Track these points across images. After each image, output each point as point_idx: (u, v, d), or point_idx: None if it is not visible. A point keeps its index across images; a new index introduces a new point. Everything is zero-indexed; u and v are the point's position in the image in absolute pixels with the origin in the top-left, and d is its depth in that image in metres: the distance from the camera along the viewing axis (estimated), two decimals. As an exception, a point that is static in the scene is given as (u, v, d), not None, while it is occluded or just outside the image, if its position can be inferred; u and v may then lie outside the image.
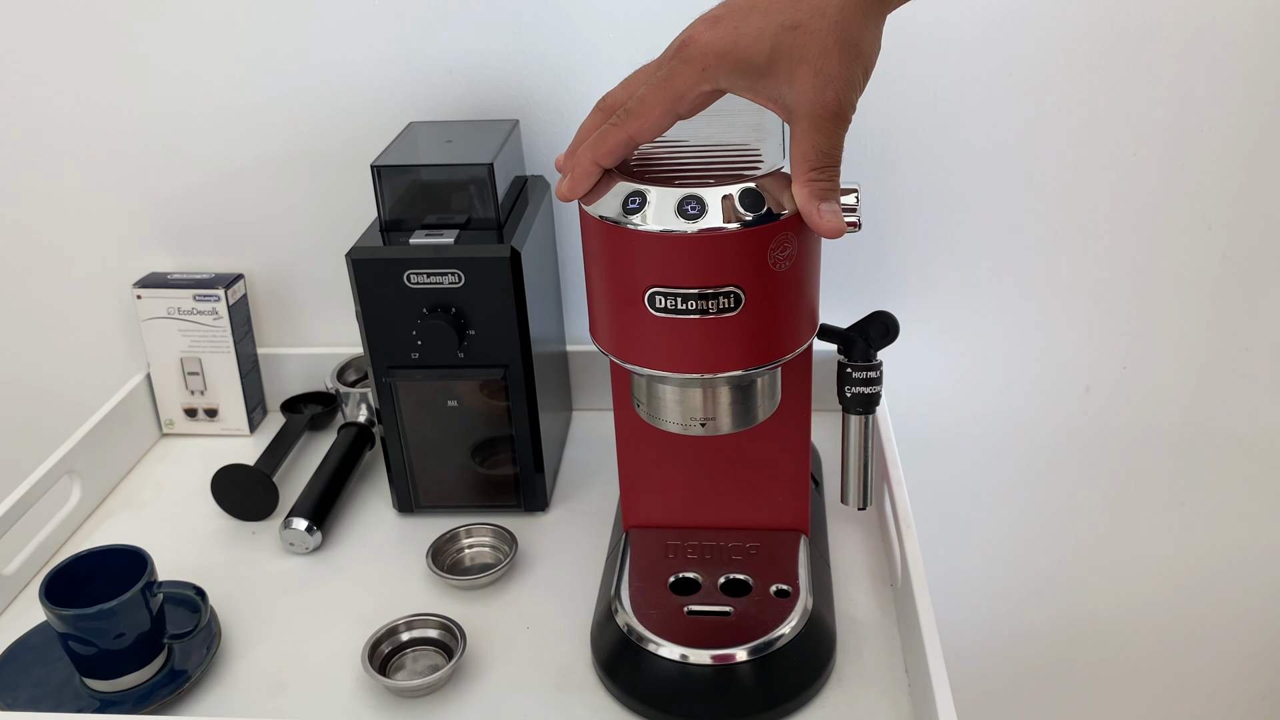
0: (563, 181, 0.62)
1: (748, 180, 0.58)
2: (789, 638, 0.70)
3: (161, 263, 1.06)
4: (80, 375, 1.12)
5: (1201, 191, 0.96)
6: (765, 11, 0.55)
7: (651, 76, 0.58)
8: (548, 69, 0.95)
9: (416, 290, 0.82)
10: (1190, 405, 1.06)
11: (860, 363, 0.70)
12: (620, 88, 0.61)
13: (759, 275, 0.59)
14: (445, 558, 0.85)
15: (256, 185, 1.02)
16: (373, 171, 0.84)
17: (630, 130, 0.58)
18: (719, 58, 0.55)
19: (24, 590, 0.85)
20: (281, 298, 1.07)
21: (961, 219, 0.99)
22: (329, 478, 0.92)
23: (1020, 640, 1.21)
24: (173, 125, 1.00)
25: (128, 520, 0.94)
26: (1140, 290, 1.01)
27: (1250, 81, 0.92)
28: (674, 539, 0.79)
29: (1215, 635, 1.20)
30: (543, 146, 0.98)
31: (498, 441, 0.89)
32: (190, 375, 1.03)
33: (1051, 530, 1.14)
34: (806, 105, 0.55)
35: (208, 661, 0.75)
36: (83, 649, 0.71)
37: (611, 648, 0.73)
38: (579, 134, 0.62)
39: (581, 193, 0.61)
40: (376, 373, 0.85)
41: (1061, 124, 0.94)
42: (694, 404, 0.66)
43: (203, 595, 0.76)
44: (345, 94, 0.97)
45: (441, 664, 0.74)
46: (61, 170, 1.03)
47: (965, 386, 1.06)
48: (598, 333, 0.65)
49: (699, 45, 0.56)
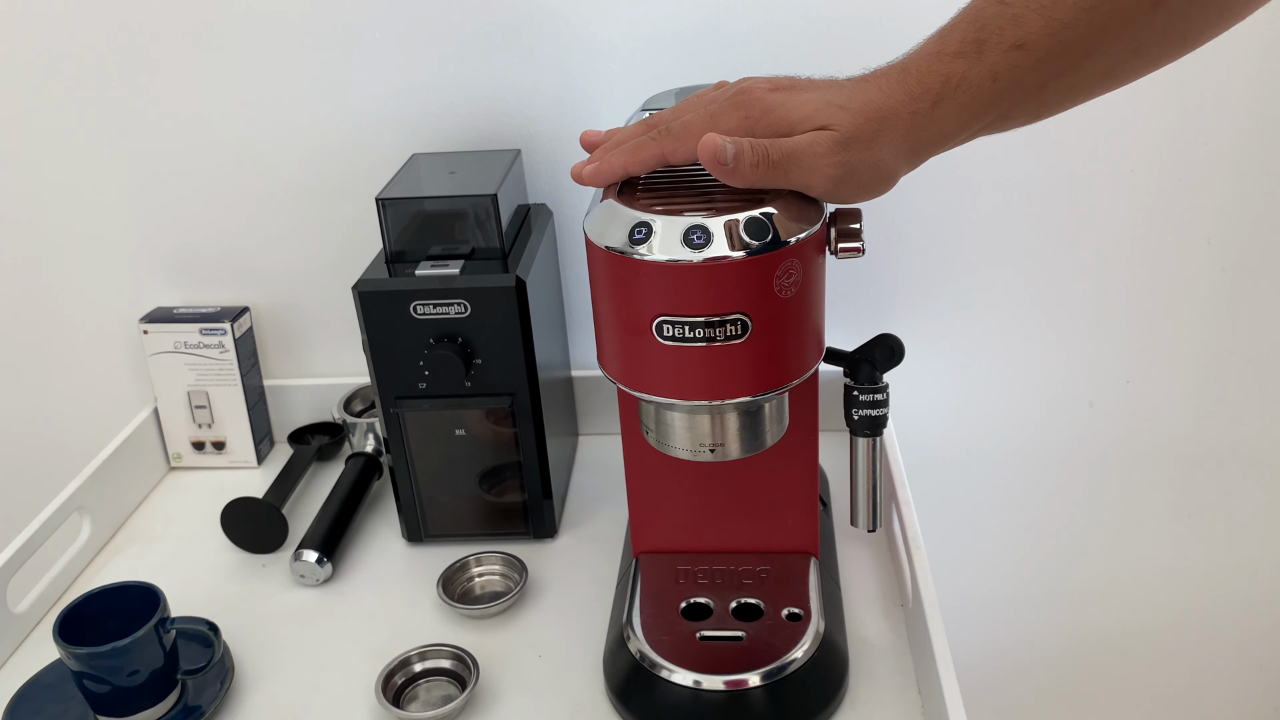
0: (586, 165, 0.64)
1: (752, 208, 0.59)
2: (801, 661, 0.71)
3: (167, 297, 1.06)
4: (88, 411, 1.12)
5: (1199, 206, 0.97)
6: (820, 89, 0.60)
7: (699, 108, 0.61)
8: (548, 99, 0.96)
9: (423, 321, 0.82)
10: (1194, 418, 1.07)
11: (867, 385, 0.70)
12: (669, 111, 0.64)
13: (765, 302, 0.59)
14: (456, 587, 0.85)
15: (261, 219, 1.02)
16: (378, 204, 0.84)
17: (665, 148, 0.61)
18: (764, 111, 0.59)
19: (36, 628, 0.85)
20: (287, 330, 1.07)
21: (962, 239, 0.99)
22: (338, 508, 0.92)
23: (1031, 656, 1.21)
24: (176, 160, 1.00)
25: (138, 555, 0.94)
26: (1141, 305, 1.02)
27: (1245, 95, 0.93)
28: (684, 564, 0.79)
29: (1225, 647, 1.19)
30: (544, 175, 0.98)
31: (505, 469, 0.89)
32: (198, 408, 1.03)
33: (1059, 545, 1.14)
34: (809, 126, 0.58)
35: (221, 696, 0.75)
36: (97, 687, 0.71)
37: (624, 675, 0.73)
38: (616, 136, 0.65)
39: (600, 185, 0.64)
40: (384, 403, 0.86)
41: (1059, 142, 0.95)
42: (702, 430, 0.66)
43: (215, 630, 0.76)
44: (348, 127, 0.98)
45: (455, 694, 0.74)
46: (67, 207, 1.03)
47: (970, 405, 1.07)
48: (606, 361, 0.66)
49: (752, 97, 0.60)
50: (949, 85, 0.57)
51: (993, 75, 0.56)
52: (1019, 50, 0.56)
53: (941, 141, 0.59)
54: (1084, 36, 0.56)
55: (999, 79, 0.56)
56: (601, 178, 0.63)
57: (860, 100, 0.58)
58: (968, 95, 0.57)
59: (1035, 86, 0.57)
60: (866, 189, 0.60)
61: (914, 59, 0.59)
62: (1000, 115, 0.58)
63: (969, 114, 0.58)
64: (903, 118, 0.58)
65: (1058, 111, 0.60)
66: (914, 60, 0.59)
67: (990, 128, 0.60)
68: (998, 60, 0.56)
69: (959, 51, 0.57)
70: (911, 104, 0.57)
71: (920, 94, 0.57)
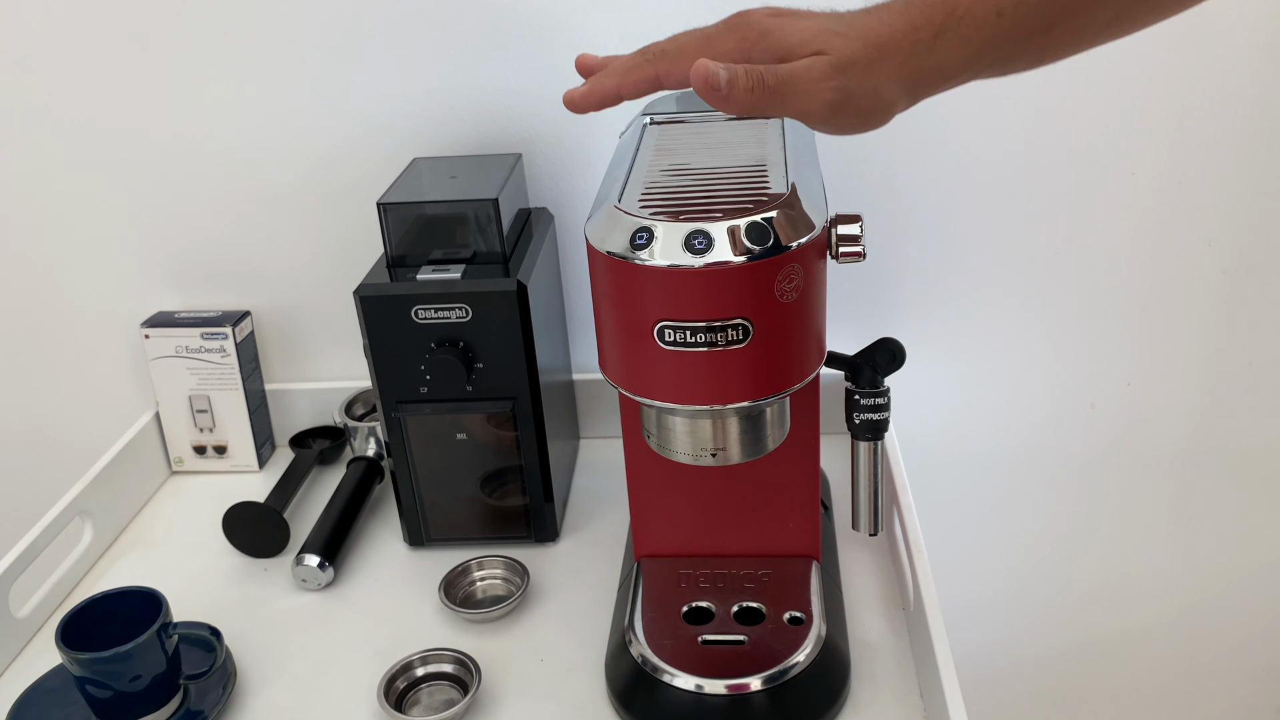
0: (578, 89, 0.62)
1: (753, 213, 0.59)
2: (803, 665, 0.71)
3: (169, 302, 1.06)
4: (89, 415, 1.12)
5: (1200, 208, 0.97)
6: (818, 18, 0.59)
7: (696, 33, 0.61)
8: (549, 103, 0.96)
9: (424, 325, 0.82)
10: (1195, 420, 1.07)
11: (868, 389, 0.71)
12: (666, 39, 0.63)
13: (767, 307, 0.59)
14: (457, 591, 0.85)
15: (262, 223, 1.02)
16: (379, 209, 0.84)
17: (660, 70, 0.60)
18: (761, 35, 0.58)
19: (38, 633, 0.85)
20: (288, 334, 1.07)
21: (963, 242, 0.99)
22: (339, 513, 0.92)
23: (1032, 658, 1.21)
24: (178, 165, 1.01)
25: (140, 559, 0.94)
26: (1143, 307, 1.02)
27: (1246, 98, 0.93)
28: (685, 568, 0.79)
29: (1226, 649, 1.19)
30: (545, 179, 0.99)
31: (507, 473, 0.89)
32: (199, 413, 1.03)
33: (1060, 547, 1.14)
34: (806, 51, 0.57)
35: (224, 701, 0.75)
36: (100, 692, 0.71)
37: (626, 679, 0.73)
38: (612, 64, 0.63)
39: (589, 109, 0.62)
40: (386, 407, 0.86)
41: (1060, 144, 0.95)
42: (704, 435, 0.66)
43: (218, 635, 0.76)
44: (349, 131, 0.98)
45: (457, 699, 0.74)
46: (69, 212, 1.04)
47: (971, 407, 1.07)
48: (607, 366, 0.66)
49: (749, 19, 0.59)
50: (953, 17, 0.56)
51: (998, 10, 0.56)
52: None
53: (941, 77, 0.58)
54: None
55: (1004, 14, 0.56)
56: (594, 99, 0.62)
57: (859, 27, 0.57)
58: (971, 29, 0.56)
59: (1040, 27, 0.57)
60: (864, 117, 0.59)
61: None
62: (1004, 54, 0.57)
63: (971, 49, 0.57)
64: (902, 46, 0.57)
65: (1062, 57, 0.59)
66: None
67: (992, 69, 0.59)
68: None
69: None
70: (913, 33, 0.57)
71: (922, 24, 0.56)
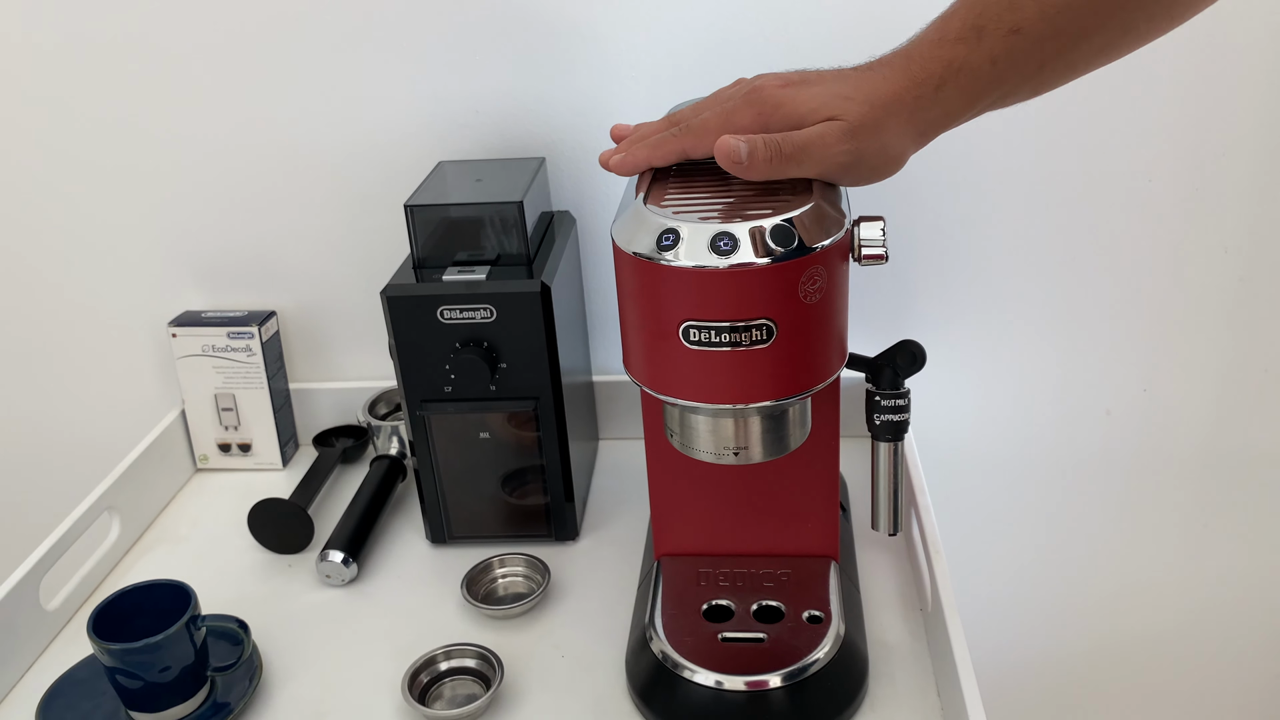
0: (613, 155, 0.69)
1: (778, 215, 0.60)
2: (822, 663, 0.71)
3: (195, 301, 1.08)
4: (117, 413, 1.14)
5: (1217, 215, 0.98)
6: (826, 81, 0.63)
7: (717, 106, 0.66)
8: (572, 107, 0.97)
9: (449, 325, 0.84)
10: (1211, 426, 1.07)
11: (889, 391, 0.71)
12: (690, 108, 0.69)
13: (790, 308, 0.60)
14: (479, 587, 0.86)
15: (289, 224, 1.04)
16: (406, 211, 0.86)
17: (686, 144, 0.66)
18: (775, 107, 0.63)
19: (68, 624, 0.86)
20: (313, 334, 1.09)
21: (982, 247, 1.00)
22: (363, 510, 0.93)
23: (1048, 661, 1.22)
24: (206, 166, 1.02)
25: (166, 555, 0.95)
26: (1159, 313, 1.02)
27: (1261, 106, 0.93)
28: (705, 566, 0.80)
29: (1242, 655, 1.20)
30: (568, 183, 1.00)
31: (528, 472, 0.90)
32: (224, 411, 1.05)
33: (1077, 551, 1.14)
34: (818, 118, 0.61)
35: (250, 693, 0.76)
36: (129, 682, 0.72)
37: (647, 675, 0.74)
38: (640, 130, 0.70)
39: (626, 175, 0.69)
40: (410, 406, 0.87)
41: (1078, 153, 0.96)
42: (726, 434, 0.67)
43: (245, 628, 0.78)
44: (375, 134, 0.99)
45: (479, 693, 0.75)
46: (96, 212, 1.05)
47: (988, 411, 1.07)
48: (631, 364, 0.67)
49: (764, 94, 0.63)
50: (950, 69, 0.60)
51: (992, 59, 0.59)
52: (1016, 35, 0.59)
53: (946, 121, 0.62)
54: (1078, 19, 0.59)
55: (998, 62, 0.60)
56: (627, 168, 0.68)
57: (866, 89, 0.61)
58: (969, 79, 0.60)
59: (1033, 68, 0.61)
60: (877, 172, 0.63)
61: (916, 46, 0.62)
62: (1001, 95, 0.62)
63: (971, 95, 0.61)
64: (906, 102, 0.61)
65: (1056, 87, 0.63)
66: (916, 47, 0.62)
67: (993, 105, 0.62)
68: (996, 44, 0.59)
69: (959, 37, 0.60)
70: (915, 89, 0.61)
71: (923, 79, 0.60)
